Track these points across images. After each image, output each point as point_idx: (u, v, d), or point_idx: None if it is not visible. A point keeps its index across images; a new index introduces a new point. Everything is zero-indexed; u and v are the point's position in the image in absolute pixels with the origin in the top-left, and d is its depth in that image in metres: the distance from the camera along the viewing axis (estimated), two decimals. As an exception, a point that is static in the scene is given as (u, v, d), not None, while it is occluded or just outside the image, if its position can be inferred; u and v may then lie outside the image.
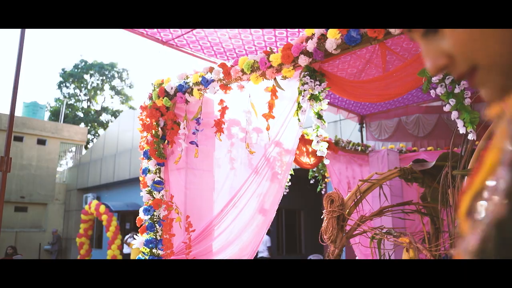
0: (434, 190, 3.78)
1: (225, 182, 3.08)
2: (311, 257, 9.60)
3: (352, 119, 6.32)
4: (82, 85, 28.15)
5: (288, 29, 3.79)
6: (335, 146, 5.38)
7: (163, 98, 3.37)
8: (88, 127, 25.74)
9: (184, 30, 3.63)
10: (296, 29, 3.73)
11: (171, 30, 3.67)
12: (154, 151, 3.30)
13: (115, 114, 28.35)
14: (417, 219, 4.58)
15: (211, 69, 3.12)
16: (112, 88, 29.14)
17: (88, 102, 28.77)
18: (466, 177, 2.81)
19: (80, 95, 28.54)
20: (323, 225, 3.22)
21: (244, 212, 2.85)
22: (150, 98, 3.52)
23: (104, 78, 28.59)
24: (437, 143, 6.67)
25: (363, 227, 3.34)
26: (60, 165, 21.85)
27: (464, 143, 3.31)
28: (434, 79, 1.95)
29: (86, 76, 28.23)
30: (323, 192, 5.84)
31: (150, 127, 3.38)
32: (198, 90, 3.15)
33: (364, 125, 6.42)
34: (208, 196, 3.19)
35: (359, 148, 5.91)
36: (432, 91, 1.96)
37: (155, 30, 3.66)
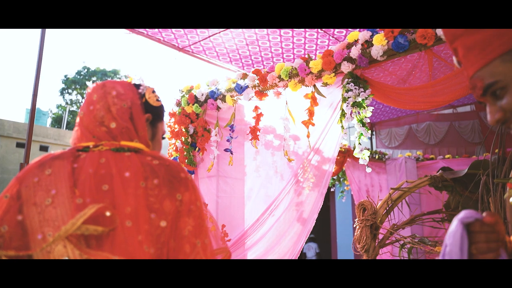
0: (466, 199, 3.73)
1: (259, 190, 3.03)
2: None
3: (362, 127, 6.28)
4: (84, 91, 28.12)
5: (306, 36, 3.79)
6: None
7: (193, 104, 3.33)
8: (90, 134, 25.65)
9: (201, 36, 3.62)
10: (315, 37, 3.73)
11: (189, 36, 3.66)
12: (184, 158, 3.25)
13: (117, 120, 28.28)
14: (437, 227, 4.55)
15: (244, 76, 3.09)
16: (114, 94, 29.08)
17: (90, 109, 28.71)
18: (507, 185, 2.76)
19: (82, 101, 28.50)
20: (355, 234, 3.17)
21: (282, 221, 2.80)
22: (179, 104, 3.48)
23: (106, 84, 28.55)
24: (449, 150, 6.65)
25: (395, 236, 3.29)
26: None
27: (500, 151, 3.27)
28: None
29: (89, 83, 28.22)
30: (343, 201, 5.79)
31: (180, 134, 3.33)
32: (231, 96, 3.11)
33: (373, 132, 6.39)
34: (240, 205, 3.13)
35: (376, 156, 5.87)
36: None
37: (172, 36, 3.64)
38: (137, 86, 1.16)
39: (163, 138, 1.24)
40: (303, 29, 3.51)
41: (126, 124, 1.07)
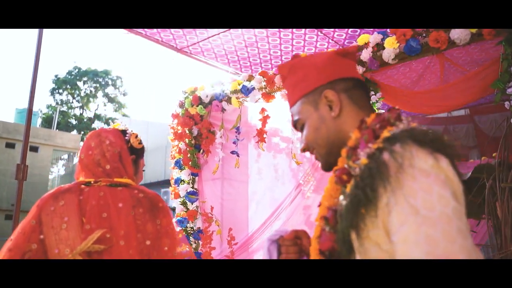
0: (469, 203, 3.72)
1: (265, 193, 3.00)
2: None
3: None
4: (75, 92, 27.82)
5: (306, 39, 3.77)
6: (353, 156, 5.35)
7: (197, 106, 3.29)
8: (81, 135, 25.38)
9: (200, 37, 3.59)
10: (314, 39, 3.72)
11: (188, 37, 3.62)
12: (188, 160, 3.21)
13: (108, 121, 28.07)
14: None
15: (250, 77, 3.06)
16: (106, 95, 28.87)
17: (81, 109, 28.43)
18: (513, 190, 2.76)
19: (73, 102, 28.19)
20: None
21: (288, 224, 2.77)
22: (182, 106, 3.43)
23: (97, 85, 28.31)
24: (443, 154, 6.65)
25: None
26: (51, 173, 21.43)
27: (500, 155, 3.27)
28: (509, 91, 1.91)
29: (79, 83, 27.92)
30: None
31: (183, 136, 3.29)
32: (237, 98, 3.08)
33: (370, 136, 6.36)
34: (244, 207, 3.10)
35: (374, 159, 5.86)
36: (506, 103, 1.93)
37: (171, 37, 3.60)
38: (124, 133, 1.51)
39: (143, 170, 1.62)
40: (302, 32, 3.48)
41: (117, 165, 1.42)
